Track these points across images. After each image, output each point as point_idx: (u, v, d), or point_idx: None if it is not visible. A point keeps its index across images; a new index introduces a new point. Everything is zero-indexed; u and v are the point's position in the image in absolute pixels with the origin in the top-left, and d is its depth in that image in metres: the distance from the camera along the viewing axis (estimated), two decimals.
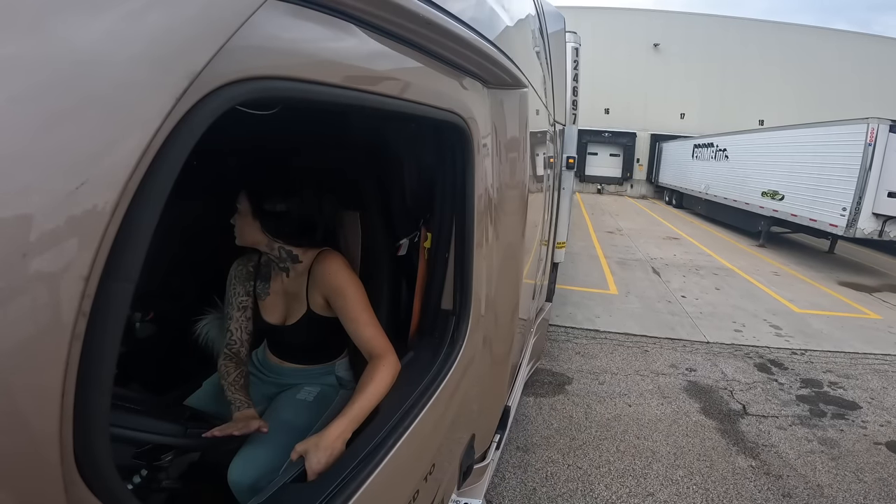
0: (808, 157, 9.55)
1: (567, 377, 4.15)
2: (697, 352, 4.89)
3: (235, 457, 1.31)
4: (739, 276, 8.03)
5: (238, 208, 1.38)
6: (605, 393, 3.91)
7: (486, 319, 1.51)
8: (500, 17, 1.39)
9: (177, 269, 1.87)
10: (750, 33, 21.32)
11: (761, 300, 6.75)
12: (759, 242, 11.14)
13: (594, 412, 3.62)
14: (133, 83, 0.44)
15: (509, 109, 1.49)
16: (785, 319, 5.98)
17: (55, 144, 0.39)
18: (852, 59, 20.84)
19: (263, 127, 1.15)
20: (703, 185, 14.82)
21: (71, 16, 0.40)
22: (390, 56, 0.84)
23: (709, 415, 3.69)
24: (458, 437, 1.51)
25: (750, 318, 5.96)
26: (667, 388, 4.06)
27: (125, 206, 0.45)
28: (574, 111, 4.75)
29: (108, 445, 0.51)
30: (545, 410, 3.60)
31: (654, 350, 4.86)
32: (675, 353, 4.83)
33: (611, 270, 7.96)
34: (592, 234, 11.52)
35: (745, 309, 6.29)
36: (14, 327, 0.39)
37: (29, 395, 0.41)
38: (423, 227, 1.49)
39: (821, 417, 3.74)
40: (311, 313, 1.44)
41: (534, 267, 2.53)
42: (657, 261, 8.92)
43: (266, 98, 0.59)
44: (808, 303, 6.75)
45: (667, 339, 5.17)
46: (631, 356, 4.68)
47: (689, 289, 7.14)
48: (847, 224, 8.35)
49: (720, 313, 6.08)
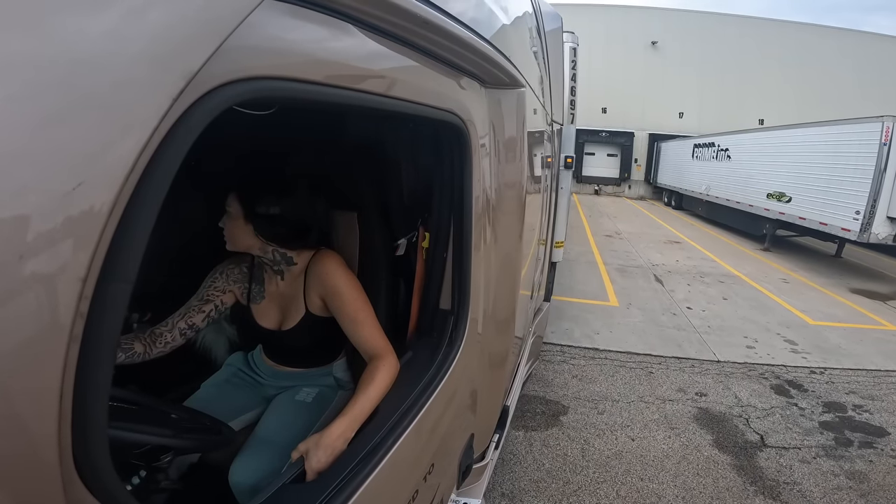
0: (818, 158, 9.05)
1: (562, 406, 3.72)
2: (707, 373, 4.45)
3: (236, 458, 1.31)
4: (747, 284, 7.64)
5: (228, 211, 1.33)
6: (604, 425, 3.51)
7: (485, 319, 1.51)
8: (497, 16, 1.39)
9: (175, 270, 1.86)
10: (749, 31, 21.15)
11: (772, 311, 6.35)
12: (763, 246, 10.74)
13: (592, 448, 3.21)
14: (130, 83, 0.44)
15: (507, 109, 1.49)
16: (800, 333, 5.59)
17: (52, 144, 0.39)
18: (853, 57, 20.67)
19: (261, 127, 1.15)
20: (703, 186, 14.45)
21: (68, 15, 0.40)
22: (388, 56, 0.84)
23: (722, 448, 3.28)
24: (457, 436, 1.51)
25: (762, 332, 5.54)
26: (674, 418, 3.65)
27: (122, 207, 0.45)
28: (572, 111, 4.75)
29: (107, 446, 0.51)
30: (536, 447, 3.19)
31: (660, 371, 4.41)
32: (682, 374, 4.39)
33: (610, 279, 7.53)
34: (590, 238, 11.14)
35: (756, 321, 5.90)
36: (11, 329, 0.39)
37: (27, 396, 0.41)
38: (422, 227, 1.49)
39: (847, 447, 3.37)
40: (310, 315, 1.42)
41: (532, 266, 2.53)
42: (659, 267, 8.49)
43: (264, 98, 0.59)
44: (822, 313, 6.36)
45: (673, 357, 4.74)
46: (634, 379, 4.24)
47: (695, 299, 6.69)
48: (861, 228, 7.89)
49: (730, 327, 5.67)
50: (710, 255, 9.86)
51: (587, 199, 19.92)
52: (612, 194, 22.68)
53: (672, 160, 18.39)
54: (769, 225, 10.65)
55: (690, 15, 21.75)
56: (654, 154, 20.99)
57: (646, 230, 12.81)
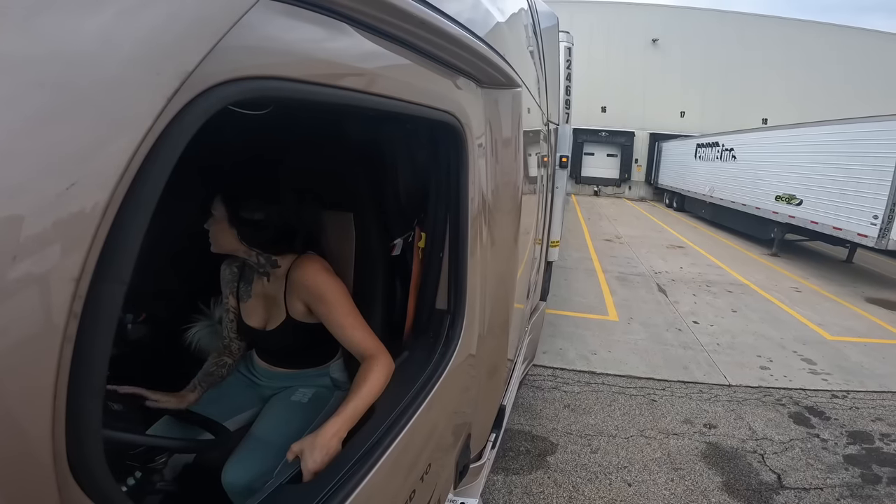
0: (833, 158, 8.48)
1: (550, 443, 3.25)
2: (717, 400, 4.00)
3: (230, 458, 1.31)
4: (757, 294, 7.20)
5: (213, 214, 1.32)
6: (597, 466, 3.04)
7: (481, 319, 1.52)
8: (493, 15, 1.39)
9: (169, 270, 1.85)
10: (751, 29, 20.78)
11: (786, 325, 5.91)
12: (771, 251, 10.28)
13: (581, 497, 2.77)
14: (124, 83, 0.44)
15: (503, 109, 1.50)
16: (818, 350, 5.15)
17: (45, 145, 0.39)
18: (858, 55, 20.32)
19: (256, 127, 1.15)
20: (707, 187, 14.04)
21: (60, 15, 0.40)
22: (384, 56, 0.84)
23: (734, 493, 2.87)
24: (454, 436, 1.51)
25: (777, 350, 5.08)
26: (679, 455, 3.20)
27: (116, 207, 0.45)
28: (567, 110, 4.76)
29: (101, 447, 0.51)
30: (516, 496, 2.75)
31: (664, 399, 3.97)
32: (689, 402, 3.96)
33: (610, 289, 7.05)
34: (589, 242, 10.66)
35: (769, 337, 5.46)
36: (4, 329, 0.38)
37: (20, 397, 0.41)
38: (418, 226, 1.49)
39: (875, 484, 3.00)
40: (291, 320, 1.41)
41: (528, 265, 2.53)
42: (662, 275, 8.03)
43: (259, 98, 0.59)
44: (839, 327, 5.92)
45: (679, 382, 4.28)
46: (634, 408, 3.80)
47: (702, 312, 6.23)
48: (879, 234, 7.38)
49: (741, 344, 5.22)
50: (715, 260, 9.41)
51: (586, 201, 19.39)
52: (612, 195, 22.26)
53: (674, 161, 18.03)
54: (777, 229, 10.19)
55: (692, 12, 21.34)
56: (655, 154, 20.60)
57: (647, 234, 12.39)
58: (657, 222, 14.71)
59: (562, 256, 8.06)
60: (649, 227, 13.51)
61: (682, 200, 17.01)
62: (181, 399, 1.45)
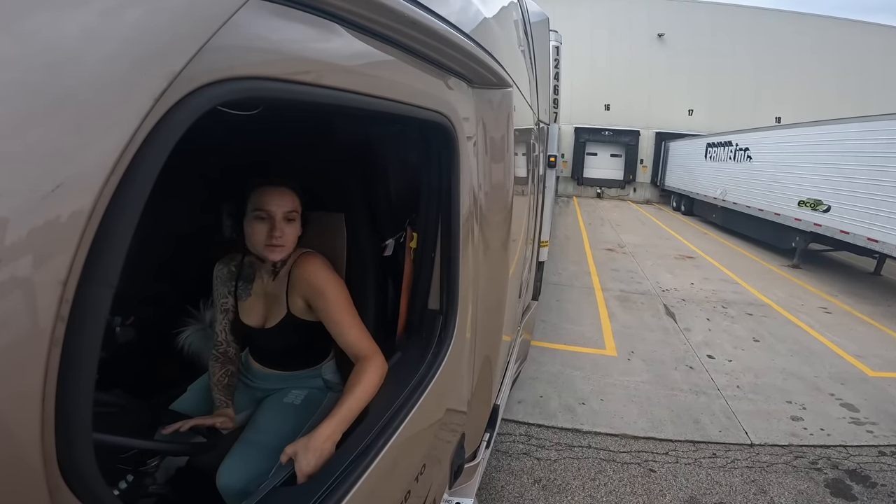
0: (866, 160, 7.42)
1: None
2: (735, 467, 3.07)
3: (224, 461, 1.30)
4: (781, 317, 6.07)
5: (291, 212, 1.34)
6: None
7: (473, 318, 1.52)
8: (484, 15, 1.40)
9: (157, 273, 1.84)
10: (762, 22, 19.50)
11: (819, 357, 4.88)
12: (792, 262, 9.17)
13: None
14: (110, 83, 0.43)
15: (494, 109, 1.50)
16: (859, 391, 4.19)
17: (29, 146, 0.38)
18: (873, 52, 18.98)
19: (247, 128, 1.14)
20: (718, 189, 12.96)
21: (46, 13, 0.39)
22: (375, 56, 0.84)
23: None
24: (448, 436, 1.51)
25: (810, 393, 4.09)
26: None
27: (103, 209, 0.44)
28: (555, 110, 4.78)
29: (92, 451, 0.50)
30: None
31: (665, 468, 3.03)
32: (698, 471, 3.01)
33: (609, 313, 5.97)
34: (588, 252, 9.52)
35: (800, 376, 4.44)
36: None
37: (8, 401, 0.40)
38: (409, 227, 1.49)
39: None
40: (291, 316, 1.42)
41: (520, 265, 2.54)
42: (670, 294, 6.89)
43: (249, 98, 0.59)
44: (881, 359, 4.90)
45: (687, 442, 3.33)
46: (625, 483, 2.86)
47: (718, 342, 5.16)
48: None
49: (766, 385, 4.21)
50: (730, 274, 8.25)
51: (588, 204, 17.96)
52: (616, 197, 20.88)
53: (681, 161, 16.90)
54: (800, 238, 9.01)
55: (699, 5, 19.82)
56: (662, 154, 19.32)
57: (653, 241, 11.22)
58: (664, 228, 13.62)
59: (556, 270, 7.65)
60: (655, 234, 12.47)
61: (691, 203, 15.98)
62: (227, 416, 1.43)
